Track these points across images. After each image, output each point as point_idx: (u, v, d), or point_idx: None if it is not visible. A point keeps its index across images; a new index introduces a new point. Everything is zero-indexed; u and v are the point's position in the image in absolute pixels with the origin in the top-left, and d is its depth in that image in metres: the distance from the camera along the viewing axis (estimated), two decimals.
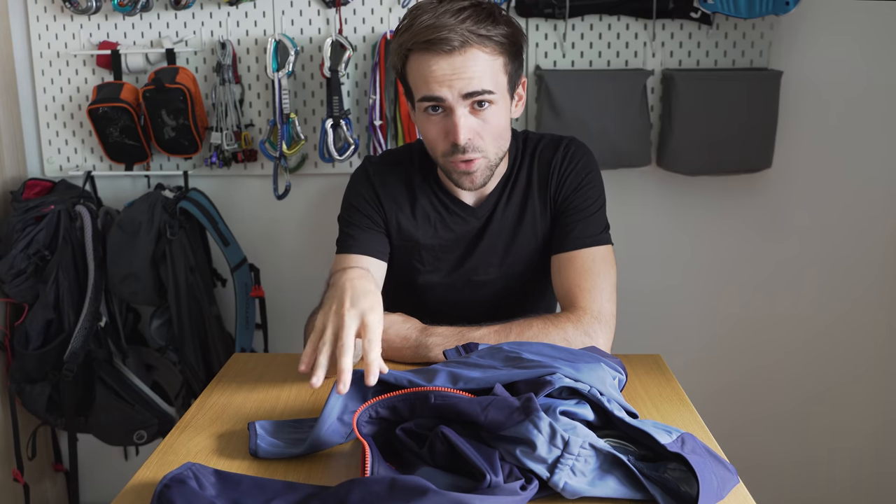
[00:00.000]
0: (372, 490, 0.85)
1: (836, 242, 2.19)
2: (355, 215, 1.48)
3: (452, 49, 1.27)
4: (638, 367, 1.36)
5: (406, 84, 1.38)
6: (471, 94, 1.29)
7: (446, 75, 1.28)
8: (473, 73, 1.28)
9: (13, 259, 2.00)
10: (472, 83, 1.29)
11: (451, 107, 1.30)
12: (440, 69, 1.28)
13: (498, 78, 1.32)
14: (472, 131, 1.32)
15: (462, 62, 1.28)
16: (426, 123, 1.36)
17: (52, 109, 2.21)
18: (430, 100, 1.31)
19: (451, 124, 1.31)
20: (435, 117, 1.34)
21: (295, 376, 1.35)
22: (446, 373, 1.05)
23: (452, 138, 1.32)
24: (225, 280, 2.24)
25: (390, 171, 1.50)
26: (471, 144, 1.32)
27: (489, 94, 1.30)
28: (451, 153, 1.34)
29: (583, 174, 1.46)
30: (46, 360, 2.03)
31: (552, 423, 0.91)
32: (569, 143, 1.49)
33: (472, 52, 1.28)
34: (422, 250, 1.49)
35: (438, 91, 1.29)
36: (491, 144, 1.35)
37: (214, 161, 2.13)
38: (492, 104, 1.32)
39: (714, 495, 0.88)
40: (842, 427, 2.29)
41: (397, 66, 1.37)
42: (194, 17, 2.12)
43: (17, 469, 2.14)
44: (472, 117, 1.32)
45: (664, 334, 2.23)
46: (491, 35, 1.29)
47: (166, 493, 0.87)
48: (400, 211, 1.48)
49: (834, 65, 2.09)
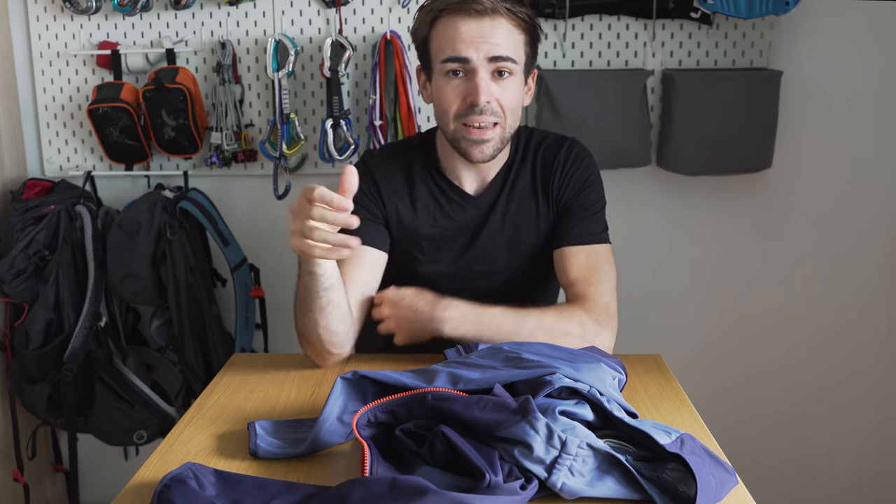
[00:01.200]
0: (372, 490, 0.85)
1: (835, 242, 2.19)
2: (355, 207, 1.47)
3: (484, 11, 1.31)
4: (638, 367, 1.36)
5: (427, 51, 1.40)
6: (496, 59, 1.33)
7: (475, 37, 1.32)
8: (500, 38, 1.33)
9: (13, 259, 2.00)
10: (498, 48, 1.33)
11: (475, 68, 1.33)
12: (469, 30, 1.32)
13: (519, 52, 1.37)
14: (492, 95, 1.35)
15: (491, 26, 1.32)
16: (445, 88, 1.37)
17: (52, 109, 2.21)
18: (455, 60, 1.34)
19: (473, 86, 1.34)
20: (455, 80, 1.36)
21: (295, 376, 1.35)
22: (446, 374, 1.05)
23: (472, 99, 1.34)
24: (225, 280, 2.24)
25: (389, 162, 1.51)
26: (489, 108, 1.35)
27: (512, 62, 1.35)
28: (467, 114, 1.35)
29: (585, 176, 1.48)
30: (46, 360, 2.03)
31: (549, 424, 0.91)
32: (572, 143, 1.51)
33: (500, 19, 1.33)
34: (422, 240, 1.49)
35: (465, 51, 1.32)
36: (508, 114, 1.38)
37: (214, 161, 2.13)
38: (511, 75, 1.36)
39: (712, 496, 0.88)
40: (842, 426, 2.29)
41: (422, 31, 1.39)
42: (194, 17, 2.12)
43: (17, 469, 2.14)
44: (492, 83, 1.35)
45: (664, 334, 2.23)
46: (517, 12, 1.34)
47: (166, 493, 0.87)
48: (399, 200, 1.48)
49: (834, 65, 2.09)
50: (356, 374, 1.04)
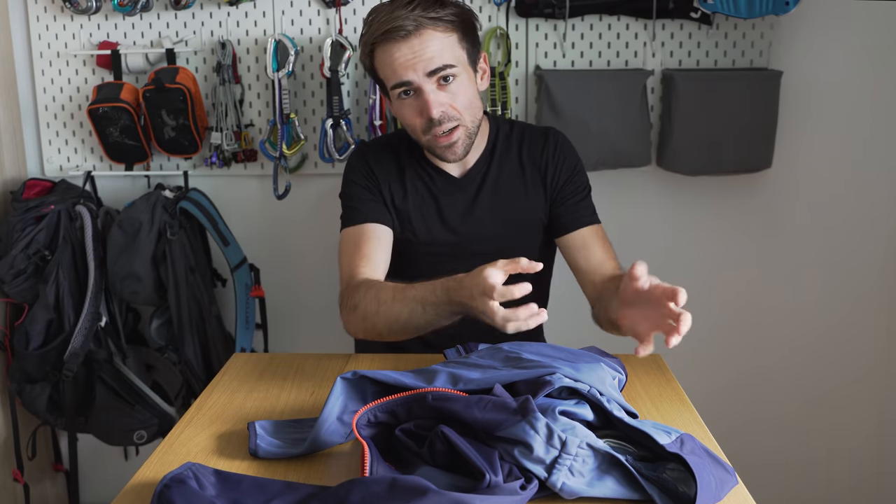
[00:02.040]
0: (372, 490, 0.85)
1: (835, 242, 2.19)
2: (355, 189, 1.57)
3: (408, 33, 1.39)
4: (638, 367, 1.36)
5: (379, 80, 1.49)
6: (434, 72, 1.41)
7: (408, 59, 1.40)
8: (432, 52, 1.40)
9: (13, 259, 2.00)
10: (432, 61, 1.40)
11: (420, 86, 1.42)
12: (402, 55, 1.41)
13: (456, 53, 1.44)
14: (444, 105, 1.43)
15: (419, 44, 1.40)
16: (402, 108, 1.47)
17: (52, 109, 2.21)
18: (399, 85, 1.43)
19: (423, 102, 1.43)
20: (408, 100, 1.45)
21: (295, 376, 1.35)
22: (446, 374, 1.05)
23: (427, 114, 1.43)
24: (225, 280, 2.24)
25: (381, 150, 1.62)
26: (445, 116, 1.43)
27: (451, 67, 1.42)
28: (429, 128, 1.44)
29: (573, 161, 1.59)
30: (46, 360, 2.03)
31: (549, 424, 0.91)
32: (555, 133, 1.61)
33: (426, 33, 1.40)
34: (413, 221, 1.57)
35: (404, 75, 1.41)
36: (465, 113, 1.46)
37: (214, 161, 2.13)
38: (456, 77, 1.43)
39: (712, 496, 0.89)
40: (842, 427, 2.29)
41: (367, 65, 1.49)
42: (194, 17, 2.12)
43: (17, 469, 2.14)
44: (440, 92, 1.43)
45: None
46: (440, 16, 1.41)
47: (166, 493, 0.88)
48: (391, 182, 1.58)
49: (834, 65, 2.09)
50: (356, 374, 1.04)
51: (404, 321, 1.30)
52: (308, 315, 2.28)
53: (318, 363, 1.41)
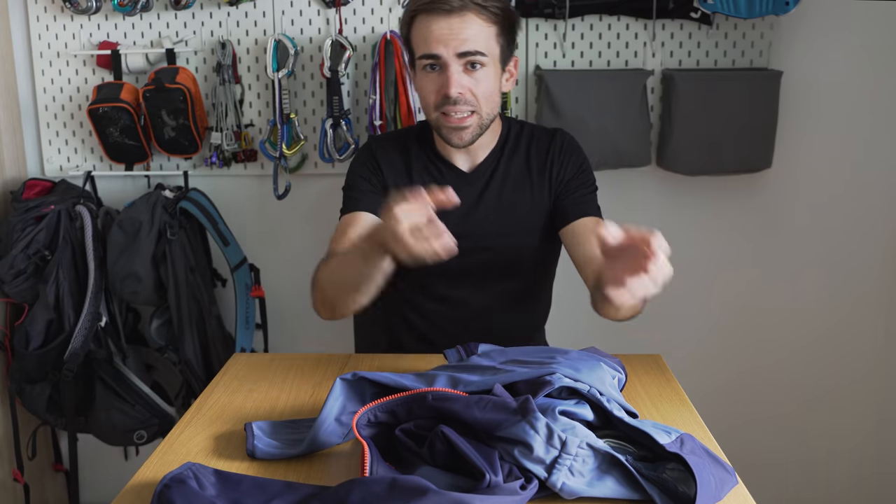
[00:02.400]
0: (372, 490, 0.85)
1: (835, 242, 2.19)
2: (357, 181, 1.59)
3: (451, 10, 1.40)
4: (638, 367, 1.36)
5: (410, 48, 1.50)
6: (464, 54, 1.42)
7: (444, 34, 1.42)
8: (468, 34, 1.41)
9: (13, 259, 2.00)
10: (466, 43, 1.42)
11: (447, 63, 1.43)
12: (439, 28, 1.42)
13: (490, 44, 1.45)
14: (464, 87, 1.44)
15: (459, 23, 1.41)
16: (423, 80, 1.48)
17: (52, 109, 2.21)
18: (428, 57, 1.44)
19: (445, 79, 1.44)
20: (432, 74, 1.46)
21: (295, 376, 1.35)
22: (446, 376, 1.05)
23: (445, 90, 1.43)
24: (225, 280, 2.24)
25: (390, 143, 1.63)
26: (462, 98, 1.44)
27: (481, 55, 1.43)
28: (442, 104, 1.45)
29: (580, 160, 1.60)
30: (46, 360, 2.03)
31: (549, 424, 0.91)
32: (562, 133, 1.62)
33: (468, 15, 1.41)
34: None
35: (436, 48, 1.42)
36: (483, 103, 1.47)
37: (214, 161, 2.13)
38: (483, 66, 1.44)
39: (712, 496, 0.89)
40: (841, 427, 2.29)
41: (404, 30, 1.50)
42: (194, 17, 2.12)
43: (17, 469, 2.14)
44: (464, 75, 1.44)
45: (664, 334, 2.23)
46: (486, 5, 1.42)
47: (166, 493, 0.88)
48: (398, 176, 1.58)
49: (834, 65, 2.09)
50: (356, 375, 1.04)
51: (344, 278, 1.33)
52: (308, 315, 2.25)
53: (317, 363, 1.41)
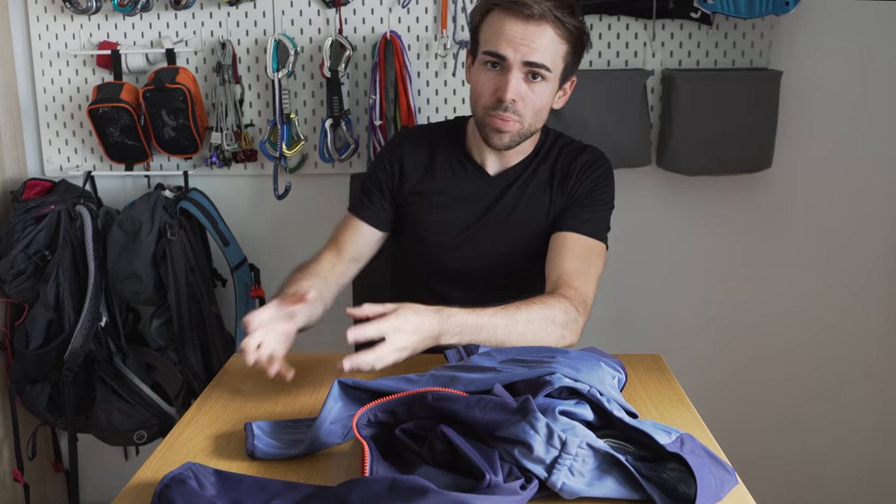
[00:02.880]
0: (372, 490, 0.85)
1: (835, 242, 2.19)
2: (375, 182, 1.61)
3: (531, 16, 1.39)
4: (638, 367, 1.36)
5: (476, 37, 1.48)
6: (530, 64, 1.40)
7: (516, 38, 1.40)
8: (539, 45, 1.40)
9: (13, 259, 2.00)
10: (535, 53, 1.40)
11: (510, 67, 1.41)
12: (513, 30, 1.40)
13: (557, 60, 1.43)
14: (519, 95, 1.42)
15: (535, 31, 1.39)
16: (481, 75, 1.46)
17: (52, 109, 2.21)
18: (493, 55, 1.42)
19: (504, 82, 1.42)
20: (491, 72, 1.44)
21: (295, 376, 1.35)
22: (446, 376, 1.05)
23: (500, 94, 1.42)
24: (225, 280, 2.24)
25: (420, 135, 1.63)
26: (513, 106, 1.43)
27: (546, 70, 1.41)
28: (493, 107, 1.44)
29: (599, 179, 1.57)
30: (46, 360, 2.03)
31: (549, 424, 0.91)
32: (593, 150, 1.60)
33: (545, 26, 1.40)
34: (434, 207, 1.57)
35: (504, 50, 1.40)
36: (530, 114, 1.45)
37: (214, 161, 2.13)
38: (544, 80, 1.43)
39: (712, 496, 0.89)
40: (841, 426, 2.29)
41: (475, 19, 1.48)
42: (194, 17, 2.12)
43: (17, 469, 2.14)
44: (523, 84, 1.42)
45: (664, 334, 2.23)
46: (565, 21, 1.40)
47: (166, 493, 0.88)
48: (419, 166, 1.59)
49: (834, 65, 2.09)
50: (356, 383, 1.04)
51: None
52: None
53: (318, 363, 1.41)
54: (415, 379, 1.07)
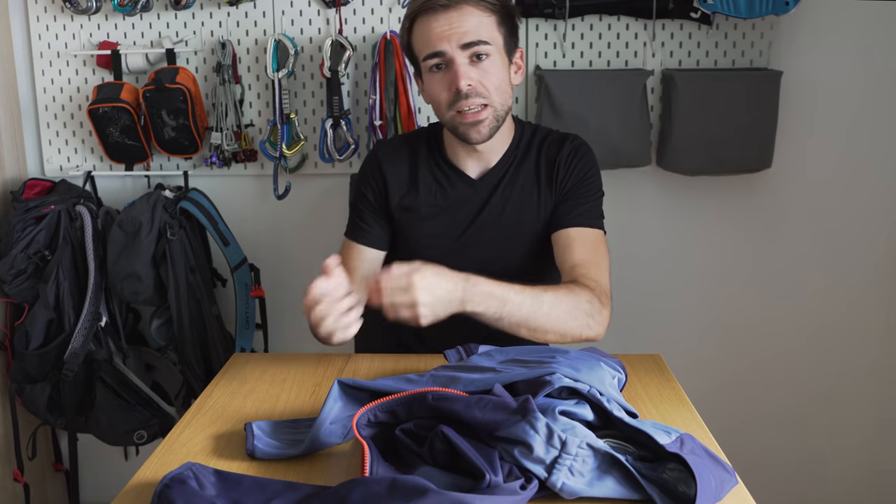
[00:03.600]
0: (372, 490, 0.85)
1: (835, 242, 2.19)
2: (360, 199, 1.60)
3: (448, 6, 1.41)
4: (638, 367, 1.36)
5: (413, 55, 1.50)
6: (468, 45, 1.41)
7: (444, 30, 1.41)
8: (468, 26, 1.41)
9: (13, 259, 1.99)
10: (467, 35, 1.41)
11: (452, 58, 1.42)
12: (438, 25, 1.42)
13: (493, 34, 1.44)
14: (473, 79, 1.42)
15: (457, 17, 1.41)
16: (432, 82, 1.47)
17: (52, 109, 2.21)
18: (432, 56, 1.43)
19: (453, 74, 1.42)
20: (438, 74, 1.45)
21: (295, 376, 1.35)
22: (446, 376, 1.05)
23: (455, 86, 1.42)
24: (225, 280, 2.24)
25: (397, 149, 1.61)
26: (473, 91, 1.42)
27: (485, 44, 1.42)
28: (455, 102, 1.43)
29: (587, 167, 1.56)
30: (46, 360, 2.03)
31: (549, 424, 0.91)
32: (574, 138, 1.59)
33: (465, 7, 1.42)
34: (422, 220, 1.56)
35: (439, 45, 1.42)
36: (494, 94, 1.44)
37: (214, 161, 2.13)
38: (489, 56, 1.43)
39: (712, 496, 0.89)
40: (841, 426, 2.29)
41: (404, 38, 1.50)
42: (194, 17, 2.12)
43: (17, 469, 2.14)
44: (472, 67, 1.43)
45: (664, 334, 2.23)
46: None
47: (166, 493, 0.88)
48: (402, 183, 1.57)
49: (834, 65, 2.09)
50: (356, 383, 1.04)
51: None
52: None
53: (318, 363, 1.41)
54: (415, 379, 1.07)
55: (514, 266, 1.55)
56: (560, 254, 1.50)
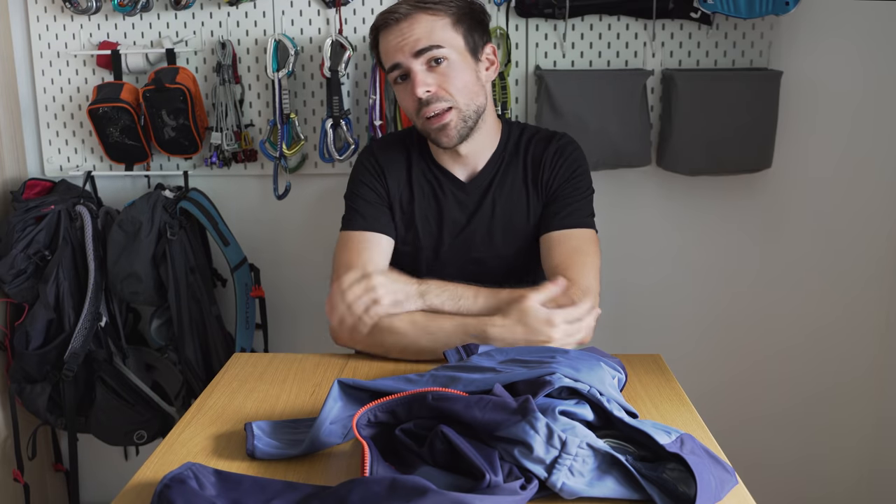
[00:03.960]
0: (372, 490, 0.85)
1: (835, 242, 2.19)
2: (362, 190, 1.57)
3: (399, 17, 1.44)
4: (638, 367, 1.36)
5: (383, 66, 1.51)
6: (420, 52, 1.43)
7: (398, 42, 1.44)
8: (419, 33, 1.43)
9: (13, 259, 2.00)
10: (419, 42, 1.43)
11: (409, 68, 1.44)
12: (393, 38, 1.45)
13: (447, 35, 1.44)
14: (430, 85, 1.44)
15: (408, 26, 1.43)
16: (400, 94, 1.50)
17: (52, 109, 2.21)
18: (393, 69, 1.46)
19: (412, 83, 1.44)
20: (402, 84, 1.47)
21: (295, 376, 1.35)
22: (446, 376, 1.05)
23: (414, 94, 1.44)
24: (225, 280, 2.24)
25: (392, 146, 1.62)
26: (433, 97, 1.44)
27: (438, 48, 1.43)
28: (420, 109, 1.45)
29: (574, 167, 1.55)
30: (47, 360, 2.03)
31: (549, 424, 0.91)
32: (561, 137, 1.59)
33: (416, 16, 1.44)
34: (417, 221, 1.56)
35: (395, 57, 1.45)
36: (458, 95, 1.45)
37: (214, 161, 2.13)
38: (447, 59, 1.44)
39: (712, 496, 0.88)
40: (841, 426, 2.29)
41: (374, 55, 1.54)
42: (194, 17, 2.12)
43: (17, 469, 2.14)
44: (429, 73, 1.44)
45: (664, 334, 2.23)
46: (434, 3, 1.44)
47: (166, 493, 0.87)
48: (400, 182, 1.58)
49: (834, 65, 2.09)
50: (356, 383, 1.04)
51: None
52: (308, 315, 2.28)
53: (318, 363, 1.41)
54: (415, 379, 1.07)
55: (505, 268, 1.56)
56: (544, 257, 1.51)
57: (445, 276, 1.43)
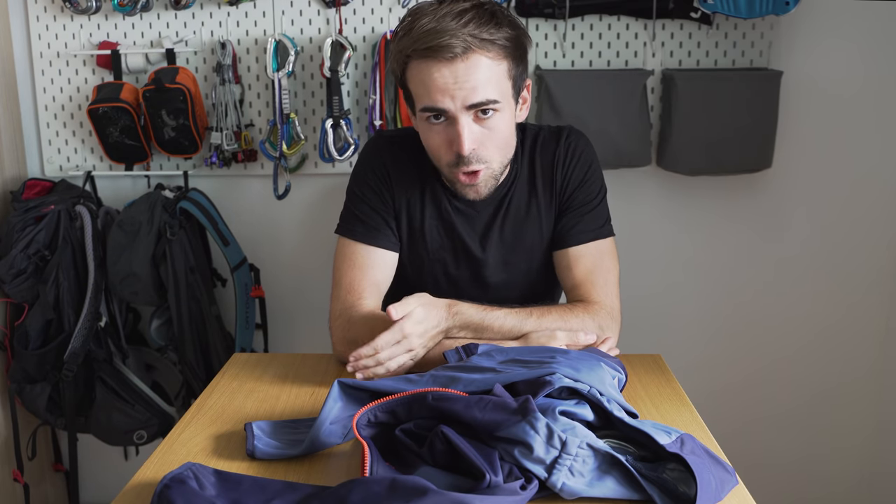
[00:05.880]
0: (372, 490, 0.85)
1: (836, 242, 2.19)
2: (367, 193, 1.44)
3: (455, 56, 1.22)
4: (638, 367, 1.36)
5: (406, 89, 1.33)
6: (475, 105, 1.25)
7: (448, 85, 1.23)
8: (477, 81, 1.24)
9: (13, 259, 2.00)
10: (475, 93, 1.24)
11: (455, 117, 1.26)
12: (442, 77, 1.24)
13: (502, 85, 1.28)
14: (477, 141, 1.28)
15: (465, 70, 1.23)
16: (428, 132, 1.31)
17: (52, 109, 2.21)
18: (432, 111, 1.27)
19: (455, 134, 1.27)
20: (437, 126, 1.29)
21: (295, 376, 1.35)
22: (446, 377, 1.05)
23: (456, 148, 1.28)
24: (225, 280, 2.24)
25: (402, 150, 1.45)
26: (475, 155, 1.29)
27: (494, 103, 1.27)
28: (456, 164, 1.31)
29: (586, 166, 1.45)
30: (46, 360, 2.03)
31: (549, 424, 0.91)
32: (568, 133, 1.47)
33: (474, 58, 1.23)
34: (427, 238, 1.47)
35: (441, 102, 1.25)
36: (496, 154, 1.32)
37: (214, 161, 2.13)
38: (497, 112, 1.28)
39: (712, 496, 0.88)
40: (842, 426, 2.29)
41: (396, 72, 1.32)
42: (194, 17, 2.12)
43: (17, 469, 2.14)
44: (476, 126, 1.28)
45: (664, 334, 2.23)
46: (494, 39, 1.24)
47: (166, 493, 0.87)
48: (409, 196, 1.44)
49: (834, 65, 2.09)
50: (356, 383, 1.04)
51: None
52: (308, 315, 2.28)
53: (318, 363, 1.41)
54: (415, 379, 1.07)
55: (520, 286, 1.50)
56: (561, 275, 1.44)
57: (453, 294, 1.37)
